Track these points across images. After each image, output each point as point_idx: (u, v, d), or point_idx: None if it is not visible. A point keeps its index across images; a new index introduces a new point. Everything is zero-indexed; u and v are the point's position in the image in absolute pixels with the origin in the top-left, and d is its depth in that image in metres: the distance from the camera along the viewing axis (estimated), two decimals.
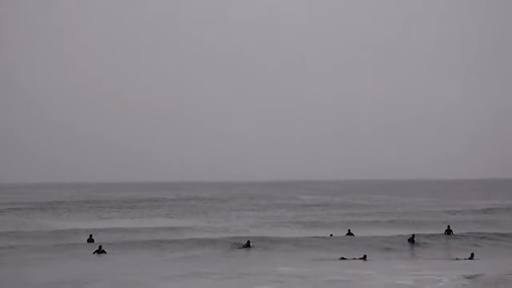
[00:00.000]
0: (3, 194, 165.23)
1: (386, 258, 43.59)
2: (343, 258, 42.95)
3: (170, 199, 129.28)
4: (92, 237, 49.59)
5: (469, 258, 41.99)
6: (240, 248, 48.33)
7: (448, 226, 54.78)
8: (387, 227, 64.36)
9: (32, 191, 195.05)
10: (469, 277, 32.42)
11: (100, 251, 45.20)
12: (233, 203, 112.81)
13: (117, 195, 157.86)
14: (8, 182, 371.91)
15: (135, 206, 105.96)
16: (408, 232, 53.91)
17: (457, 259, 42.43)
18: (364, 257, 42.96)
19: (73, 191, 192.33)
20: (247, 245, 48.97)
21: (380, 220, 71.82)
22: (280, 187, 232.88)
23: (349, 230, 54.64)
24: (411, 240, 50.58)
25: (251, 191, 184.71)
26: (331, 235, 53.59)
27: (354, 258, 42.83)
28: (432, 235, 52.01)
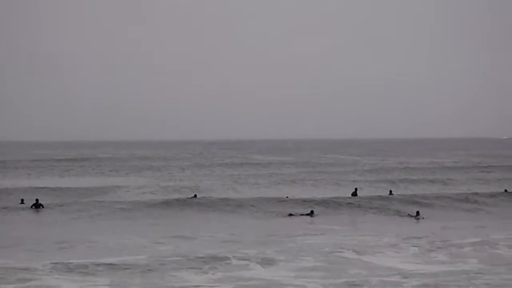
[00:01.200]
0: None
1: (331, 214, 43.67)
2: (290, 215, 42.90)
3: (118, 158, 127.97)
4: (24, 201, 47.35)
5: (414, 216, 42.17)
6: (189, 198, 48.82)
7: (390, 191, 53.89)
8: (331, 187, 64.42)
9: None
10: (412, 238, 32.28)
11: (37, 204, 44.32)
12: (180, 162, 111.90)
13: (67, 153, 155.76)
14: None
15: (81, 164, 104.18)
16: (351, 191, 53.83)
17: (409, 215, 42.66)
18: (311, 213, 43.05)
19: (32, 150, 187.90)
20: (194, 196, 49.90)
21: (326, 179, 71.91)
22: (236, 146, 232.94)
23: (287, 197, 53.90)
24: (354, 194, 50.83)
25: (199, 150, 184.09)
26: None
27: (302, 214, 42.96)
28: (376, 196, 51.80)
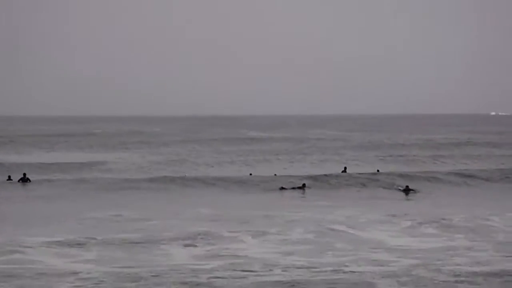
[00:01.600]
0: None
1: (322, 189, 43.55)
2: (282, 188, 42.76)
3: (108, 133, 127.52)
4: (11, 178, 46.94)
5: (404, 192, 42.12)
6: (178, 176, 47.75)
7: (378, 170, 53.72)
8: (321, 163, 64.28)
9: None
10: (402, 214, 32.14)
11: (24, 179, 43.98)
12: (171, 138, 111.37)
13: (57, 128, 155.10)
14: None
15: (69, 140, 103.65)
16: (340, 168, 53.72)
17: (399, 190, 42.59)
18: (303, 186, 42.95)
19: (24, 125, 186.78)
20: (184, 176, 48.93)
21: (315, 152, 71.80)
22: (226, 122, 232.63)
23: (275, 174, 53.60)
24: (344, 171, 50.89)
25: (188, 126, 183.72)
26: (250, 174, 52.13)
27: (293, 188, 42.81)
28: (366, 172, 51.63)
